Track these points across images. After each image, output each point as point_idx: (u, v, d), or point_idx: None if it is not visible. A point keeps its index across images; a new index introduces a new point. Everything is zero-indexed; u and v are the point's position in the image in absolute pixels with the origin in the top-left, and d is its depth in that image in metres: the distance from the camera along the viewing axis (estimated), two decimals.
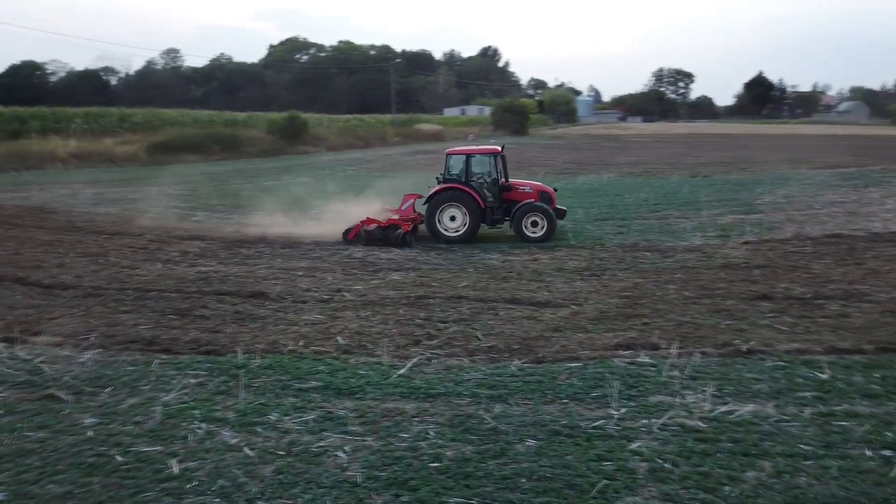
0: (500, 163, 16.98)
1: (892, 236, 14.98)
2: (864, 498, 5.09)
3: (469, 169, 16.65)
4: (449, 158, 16.94)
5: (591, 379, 7.52)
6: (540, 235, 16.23)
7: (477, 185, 16.57)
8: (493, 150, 17.16)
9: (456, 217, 16.44)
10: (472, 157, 16.85)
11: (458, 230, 16.41)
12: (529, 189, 17.01)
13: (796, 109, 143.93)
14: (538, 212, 16.31)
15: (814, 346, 8.34)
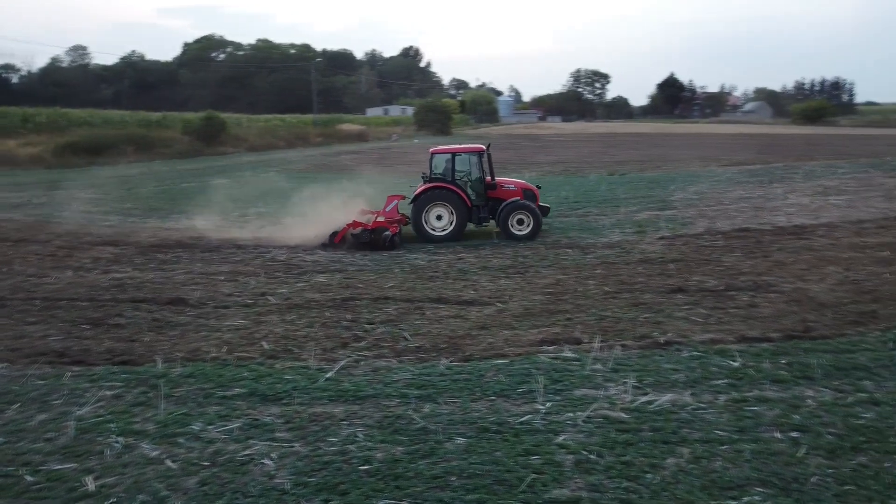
0: (484, 161, 16.96)
1: (795, 230, 15.84)
2: (776, 478, 5.37)
3: (454, 168, 16.63)
4: (434, 157, 16.83)
5: (517, 375, 7.65)
6: (526, 233, 16.27)
7: (462, 184, 16.57)
8: (478, 149, 17.10)
9: (442, 216, 16.40)
10: (458, 155, 16.82)
11: (444, 229, 16.36)
12: (514, 187, 17.02)
13: (706, 109, 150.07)
14: (524, 210, 16.35)
15: (726, 336, 8.74)
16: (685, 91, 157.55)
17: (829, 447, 5.81)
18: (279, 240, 16.04)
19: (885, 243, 13.84)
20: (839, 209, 18.49)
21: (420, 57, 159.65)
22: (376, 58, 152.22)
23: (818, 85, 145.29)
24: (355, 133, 70.97)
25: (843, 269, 11.84)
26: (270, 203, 22.61)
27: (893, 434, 5.98)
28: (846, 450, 5.76)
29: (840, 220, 16.85)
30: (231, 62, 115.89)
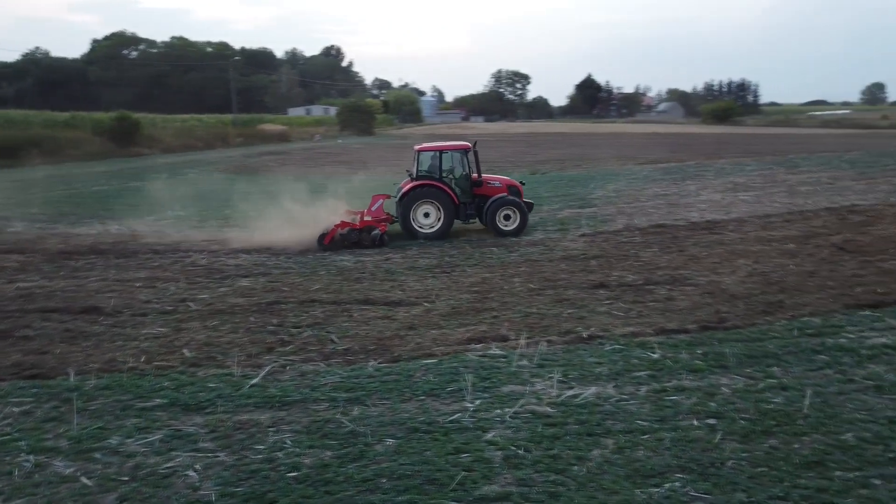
0: (470, 159, 16.98)
1: (707, 225, 16.54)
2: (694, 464, 5.60)
3: (442, 165, 16.67)
4: (420, 155, 16.76)
5: (446, 374, 7.68)
6: (513, 229, 16.49)
7: (449, 181, 16.58)
8: (465, 147, 17.12)
9: (430, 213, 16.41)
10: (445, 153, 16.85)
11: (432, 227, 16.36)
12: (499, 184, 17.17)
13: (622, 109, 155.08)
14: (510, 205, 16.58)
15: (646, 329, 9.04)
16: (602, 92, 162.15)
17: (742, 432, 6.09)
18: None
19: (789, 236, 14.63)
20: (747, 205, 19.42)
21: (342, 56, 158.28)
22: (297, 57, 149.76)
23: (726, 86, 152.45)
24: (277, 133, 69.57)
25: (752, 262, 12.45)
26: (194, 206, 21.92)
27: (801, 417, 6.32)
28: (758, 433, 6.06)
29: (748, 215, 17.70)
30: (145, 60, 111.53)
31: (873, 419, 6.21)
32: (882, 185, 22.38)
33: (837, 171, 27.29)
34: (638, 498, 5.16)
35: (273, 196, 18.06)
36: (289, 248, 15.05)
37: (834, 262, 12.19)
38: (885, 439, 5.83)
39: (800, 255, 12.80)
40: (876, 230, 14.75)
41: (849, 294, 10.13)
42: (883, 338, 8.27)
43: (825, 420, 6.23)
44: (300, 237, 15.42)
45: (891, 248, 12.90)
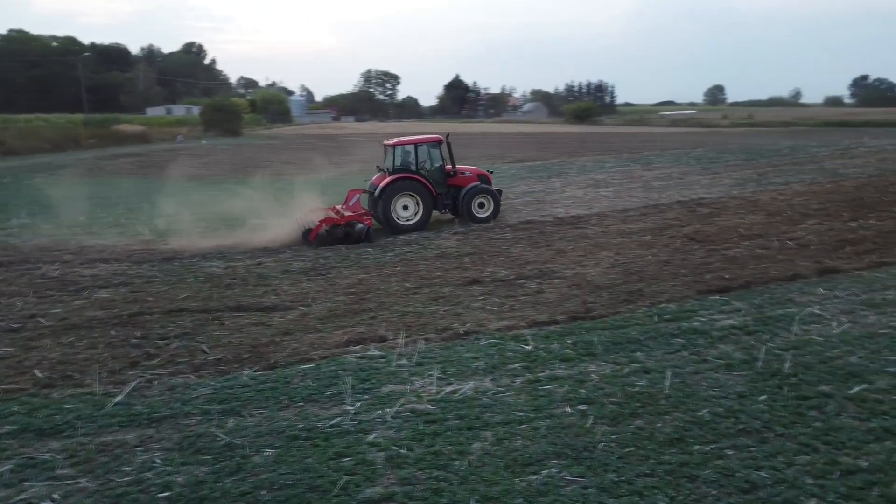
0: (444, 150, 17.62)
1: (572, 220, 17.32)
2: (569, 449, 5.85)
3: (418, 158, 17.21)
4: (396, 149, 17.14)
5: (325, 378, 7.57)
6: (487, 215, 17.55)
7: (425, 174, 17.08)
8: (437, 139, 17.74)
9: (409, 206, 16.95)
10: (420, 146, 17.38)
11: (410, 219, 16.91)
12: (470, 174, 18.00)
13: (489, 109, 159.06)
14: (484, 194, 17.68)
15: (519, 322, 9.34)
16: (470, 92, 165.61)
17: (611, 415, 6.44)
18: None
19: (646, 229, 15.61)
20: (608, 200, 20.53)
21: (204, 54, 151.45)
22: (155, 53, 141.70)
23: (585, 87, 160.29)
24: (135, 134, 65.49)
25: (614, 254, 13.17)
26: (44, 213, 20.23)
27: (662, 397, 6.76)
28: (626, 416, 6.42)
29: (609, 209, 18.71)
30: None
31: (725, 395, 6.75)
32: (725, 179, 24.37)
33: (686, 167, 29.42)
34: (517, 486, 5.33)
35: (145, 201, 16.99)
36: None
37: (686, 251, 13.14)
38: (735, 413, 6.35)
39: (656, 246, 13.69)
40: (721, 221, 16.04)
41: (700, 281, 10.94)
42: (731, 320, 9.01)
43: (684, 399, 6.70)
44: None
45: (734, 238, 14.07)
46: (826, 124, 70.12)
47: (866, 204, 17.07)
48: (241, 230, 16.70)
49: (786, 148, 36.75)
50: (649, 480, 5.31)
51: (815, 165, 27.40)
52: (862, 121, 70.51)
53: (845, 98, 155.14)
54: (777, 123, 77.03)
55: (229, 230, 16.80)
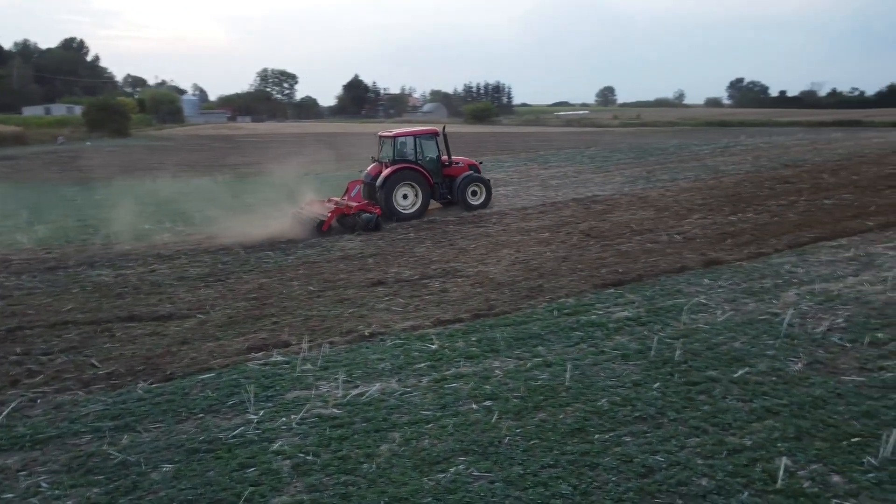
0: (440, 142, 18.83)
1: (473, 219, 17.58)
2: (475, 445, 5.93)
3: (416, 149, 18.28)
4: (396, 141, 18.14)
5: (226, 387, 7.33)
6: (481, 202, 19.00)
7: (425, 164, 18.21)
8: (434, 131, 19.07)
9: (408, 195, 18.00)
10: (419, 137, 18.50)
11: (409, 208, 17.96)
12: (462, 164, 19.32)
13: (389, 110, 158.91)
14: (477, 182, 19.12)
15: (424, 322, 9.39)
16: (370, 92, 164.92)
17: (515, 409, 6.58)
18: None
19: (544, 226, 16.06)
20: (507, 198, 20.97)
21: (86, 50, 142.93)
22: (31, 49, 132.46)
23: (483, 88, 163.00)
24: (10, 135, 61.01)
25: (515, 252, 13.48)
26: None
27: (564, 389, 6.98)
28: (529, 409, 6.59)
29: (508, 208, 19.11)
30: None
31: (622, 384, 7.05)
32: (616, 177, 25.42)
33: (580, 165, 30.48)
34: (426, 486, 5.36)
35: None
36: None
37: (582, 247, 13.61)
38: (632, 401, 6.64)
39: (554, 243, 14.11)
40: (614, 217, 16.72)
41: (596, 275, 11.36)
42: (625, 312, 9.41)
43: (584, 390, 6.95)
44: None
45: (626, 233, 14.71)
46: (707, 124, 74.43)
47: (744, 199, 18.25)
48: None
49: (671, 147, 38.74)
50: (553, 471, 5.47)
51: (699, 163, 29.03)
52: (738, 121, 75.37)
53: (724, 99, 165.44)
54: (663, 123, 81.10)
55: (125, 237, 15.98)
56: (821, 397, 6.53)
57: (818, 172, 22.88)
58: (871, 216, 14.96)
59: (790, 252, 12.33)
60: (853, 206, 16.37)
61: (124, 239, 16.02)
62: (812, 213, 15.74)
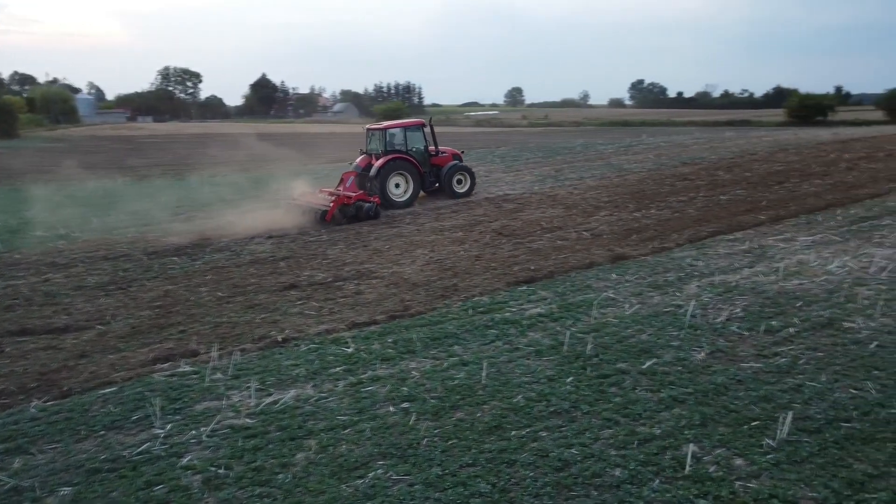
0: (427, 133, 19.88)
1: (387, 220, 17.47)
2: (394, 449, 5.88)
3: (406, 140, 19.35)
4: (386, 132, 19.28)
5: (129, 402, 6.97)
6: (465, 190, 20.31)
7: (414, 154, 19.22)
8: (421, 123, 20.17)
9: (400, 184, 19.06)
10: (406, 129, 19.59)
11: (401, 196, 18.99)
12: (447, 153, 20.44)
13: (299, 110, 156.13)
14: (462, 171, 20.39)
15: (339, 325, 9.24)
16: (279, 92, 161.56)
17: (433, 410, 6.57)
18: None
19: (457, 225, 16.16)
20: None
21: None
22: None
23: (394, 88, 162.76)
24: None
25: (429, 251, 13.49)
26: None
27: (480, 388, 7.03)
28: (447, 409, 6.59)
29: (422, 208, 19.10)
30: None
31: (536, 380, 7.16)
32: (526, 176, 25.87)
33: (491, 164, 30.84)
34: (344, 493, 5.26)
35: None
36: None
37: (495, 245, 13.78)
38: (546, 396, 6.76)
39: (467, 242, 14.22)
40: (525, 215, 17.02)
41: (509, 273, 11.52)
42: (538, 308, 9.58)
43: (500, 387, 7.02)
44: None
45: (537, 231, 15.00)
46: (611, 123, 77.12)
47: (647, 196, 18.97)
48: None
49: (578, 146, 39.85)
50: (472, 470, 5.50)
51: (604, 162, 29.96)
52: (640, 120, 78.53)
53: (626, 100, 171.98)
54: (569, 123, 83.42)
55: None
56: (723, 384, 6.85)
57: (714, 170, 24.05)
58: (763, 210, 15.86)
59: (690, 246, 12.91)
60: (746, 201, 17.31)
61: (14, 246, 15.01)
62: (709, 209, 16.53)
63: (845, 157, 24.95)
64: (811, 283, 10.01)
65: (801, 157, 26.17)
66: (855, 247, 12.07)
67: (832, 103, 74.46)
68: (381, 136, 19.32)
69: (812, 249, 12.04)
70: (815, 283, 10.01)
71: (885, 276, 10.16)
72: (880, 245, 12.08)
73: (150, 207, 20.68)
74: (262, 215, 17.42)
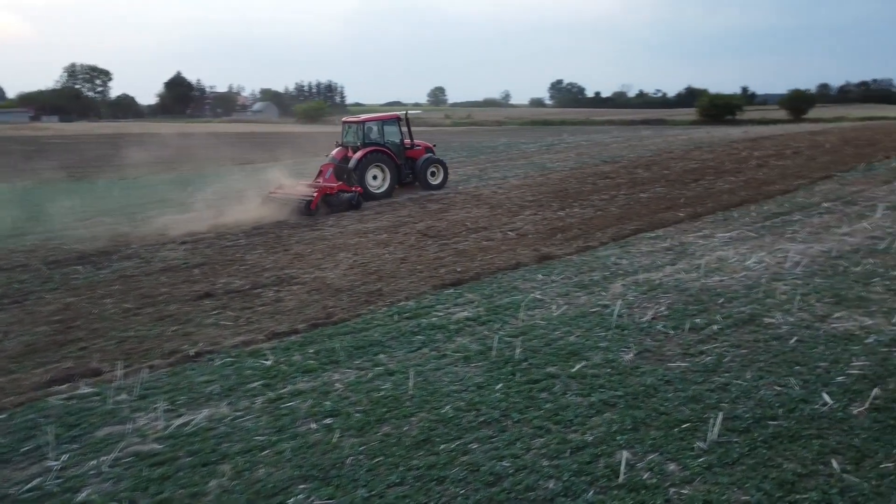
0: (403, 126, 20.52)
1: (309, 222, 16.92)
2: (316, 470, 5.50)
3: (383, 133, 19.98)
4: (364, 125, 19.93)
5: (19, 431, 6.32)
6: (439, 182, 21.07)
7: (390, 146, 19.84)
8: (396, 116, 20.69)
9: (377, 176, 19.62)
10: (383, 122, 20.21)
11: (380, 187, 19.59)
12: (420, 146, 21.04)
13: (217, 109, 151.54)
14: (436, 163, 21.11)
15: (257, 336, 8.74)
16: (195, 90, 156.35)
17: (358, 425, 6.22)
18: None
19: (382, 227, 15.80)
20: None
21: None
22: None
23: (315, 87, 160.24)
24: None
25: (353, 255, 13.08)
26: None
27: (407, 398, 6.72)
28: (372, 424, 6.25)
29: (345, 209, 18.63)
30: None
31: (465, 388, 6.92)
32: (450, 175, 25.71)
33: None
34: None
35: None
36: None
37: (420, 247, 13.50)
38: (476, 405, 6.52)
39: (392, 244, 13.88)
40: (450, 216, 16.82)
41: (435, 275, 11.26)
42: (465, 312, 9.35)
43: (427, 397, 6.73)
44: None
45: (463, 231, 14.81)
46: (532, 123, 78.24)
47: (570, 195, 19.12)
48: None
49: (501, 145, 40.11)
50: (400, 489, 5.19)
51: (527, 161, 30.21)
52: (560, 119, 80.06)
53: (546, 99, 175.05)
54: (492, 122, 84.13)
55: None
56: (652, 385, 6.79)
57: (634, 168, 24.57)
58: (682, 208, 16.21)
59: (614, 244, 12.99)
60: (666, 198, 17.67)
61: None
62: (631, 207, 16.77)
63: (756, 154, 25.97)
64: (731, 280, 10.19)
65: (715, 155, 27.07)
66: (770, 242, 12.42)
67: (740, 103, 78.07)
68: (358, 129, 20.01)
69: (730, 246, 12.31)
70: (735, 280, 10.19)
71: (799, 271, 10.44)
72: (793, 240, 12.48)
73: (53, 213, 19.39)
74: (178, 219, 16.58)
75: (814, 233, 12.95)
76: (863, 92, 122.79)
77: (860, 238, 12.28)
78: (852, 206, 15.50)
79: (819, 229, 13.21)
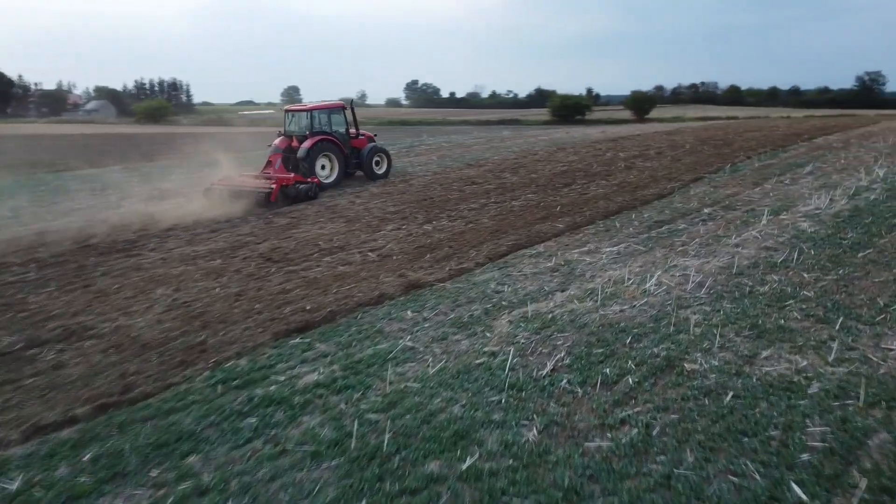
0: (348, 115, 20.72)
1: (124, 245, 13.85)
2: None
3: (330, 122, 20.10)
4: (311, 114, 19.83)
5: None
6: (384, 171, 21.59)
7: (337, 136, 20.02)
8: (342, 105, 20.79)
9: (325, 166, 19.77)
10: (330, 111, 20.24)
11: (328, 178, 19.71)
12: (363, 136, 21.42)
13: (43, 108, 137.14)
14: (380, 152, 21.63)
15: (11, 433, 6.07)
16: (17, 88, 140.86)
17: None
18: None
19: (216, 250, 13.10)
20: (174, 214, 17.29)
21: None
22: None
23: (158, 85, 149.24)
24: None
25: (173, 290, 10.40)
26: None
27: None
28: None
29: (176, 225, 15.69)
30: None
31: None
32: None
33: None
34: None
35: None
36: None
37: (262, 276, 11.04)
38: None
39: (226, 273, 11.30)
40: (299, 233, 14.37)
41: (278, 317, 8.91)
42: (315, 373, 7.11)
43: None
44: None
45: (314, 253, 12.47)
46: (390, 123, 76.30)
47: (436, 203, 17.28)
48: None
49: None
50: None
51: None
52: (417, 119, 78.97)
53: (402, 100, 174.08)
54: None
55: None
56: (571, 488, 4.94)
57: (500, 171, 23.21)
58: (559, 217, 14.81)
59: (492, 265, 11.24)
60: (539, 206, 16.26)
61: None
62: (504, 217, 15.17)
63: (621, 155, 25.49)
64: (633, 310, 8.65)
65: (580, 156, 26.38)
66: (662, 257, 11.13)
67: (588, 103, 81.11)
68: (306, 118, 19.91)
69: (620, 263, 10.90)
70: (637, 309, 8.66)
71: (704, 294, 9.12)
72: (685, 254, 11.27)
73: None
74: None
75: (704, 244, 11.85)
76: (693, 93, 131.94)
77: (754, 250, 11.28)
78: (732, 210, 14.75)
79: (708, 240, 12.15)
